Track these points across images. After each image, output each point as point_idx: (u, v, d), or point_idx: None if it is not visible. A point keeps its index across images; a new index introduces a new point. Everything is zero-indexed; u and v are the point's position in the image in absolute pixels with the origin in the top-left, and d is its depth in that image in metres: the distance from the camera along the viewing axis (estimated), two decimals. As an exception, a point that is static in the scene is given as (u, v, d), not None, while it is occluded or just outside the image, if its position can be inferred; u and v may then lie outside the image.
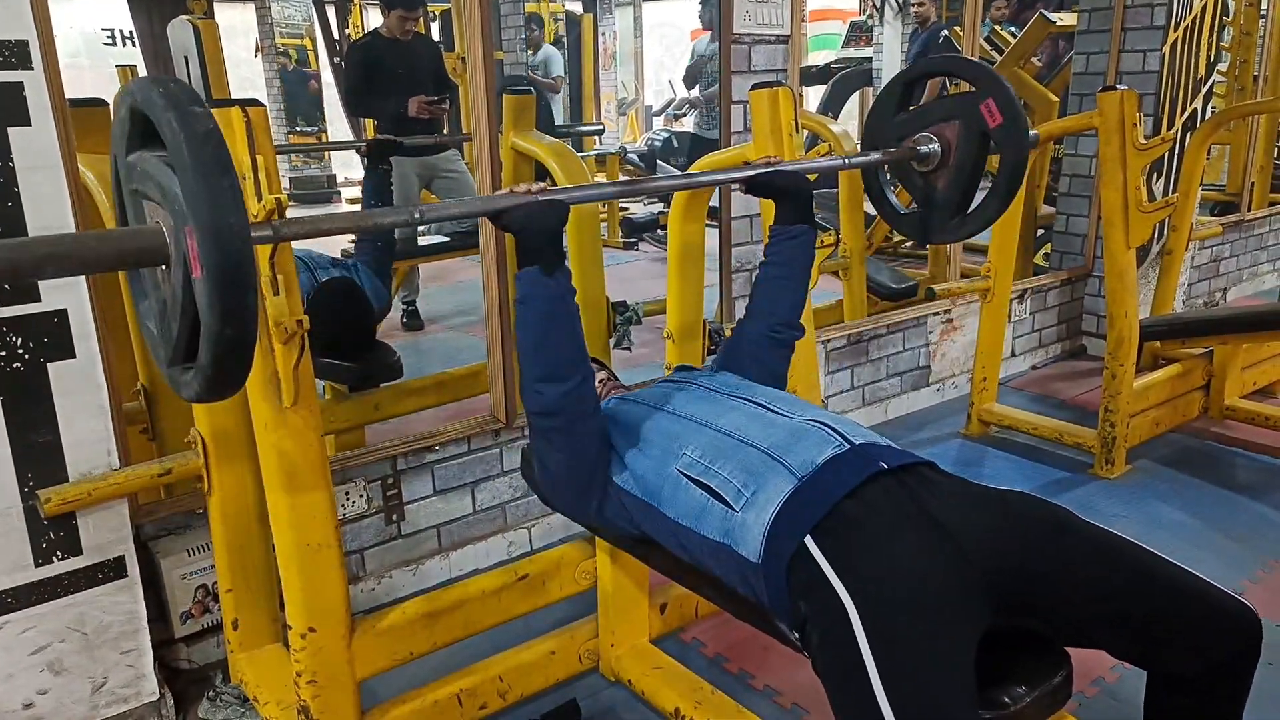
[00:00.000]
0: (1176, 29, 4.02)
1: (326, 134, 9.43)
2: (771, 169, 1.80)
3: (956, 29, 5.52)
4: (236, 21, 9.14)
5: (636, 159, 8.09)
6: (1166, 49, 4.01)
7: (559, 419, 1.51)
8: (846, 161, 2.24)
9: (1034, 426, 3.45)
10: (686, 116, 7.77)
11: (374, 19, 8.29)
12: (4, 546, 1.77)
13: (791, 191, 1.81)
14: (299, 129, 9.27)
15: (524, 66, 8.06)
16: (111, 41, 8.95)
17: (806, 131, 3.70)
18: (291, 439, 1.60)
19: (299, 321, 1.53)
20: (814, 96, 8.55)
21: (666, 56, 12.01)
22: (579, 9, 9.92)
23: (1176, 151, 4.22)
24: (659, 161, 7.91)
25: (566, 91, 9.04)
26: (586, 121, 9.39)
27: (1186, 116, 4.26)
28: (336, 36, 8.71)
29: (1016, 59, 4.86)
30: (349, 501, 2.41)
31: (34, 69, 1.65)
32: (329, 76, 8.95)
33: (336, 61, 8.41)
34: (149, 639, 1.97)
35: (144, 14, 7.75)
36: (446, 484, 2.60)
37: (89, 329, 1.78)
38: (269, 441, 1.61)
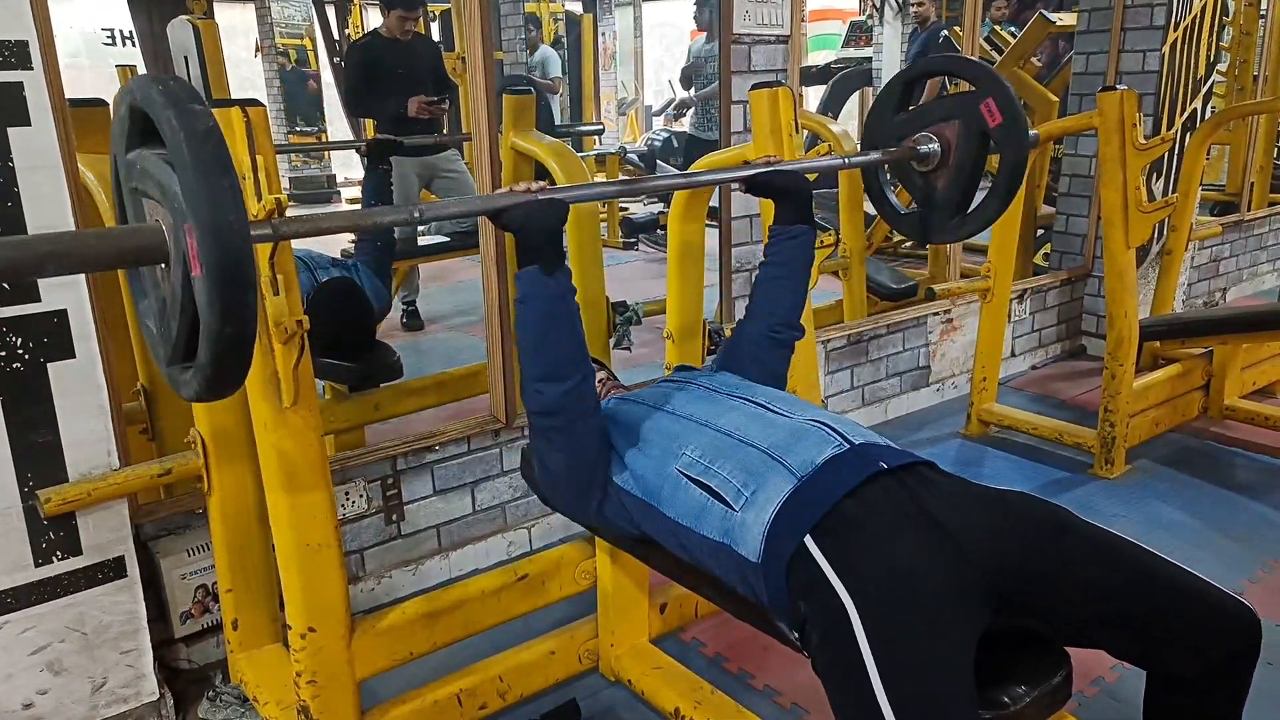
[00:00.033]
0: (1176, 29, 4.02)
1: (326, 134, 9.43)
2: (771, 169, 1.80)
3: (956, 29, 5.52)
4: (236, 21, 9.14)
5: (636, 159, 8.08)
6: (1166, 49, 4.01)
7: (559, 418, 1.51)
8: (846, 161, 2.23)
9: (1034, 426, 3.45)
10: (686, 117, 7.76)
11: (374, 19, 8.30)
12: (4, 546, 1.77)
13: (791, 191, 1.81)
14: (299, 129, 9.27)
15: (523, 67, 8.06)
16: (111, 41, 8.95)
17: (806, 131, 3.70)
18: (291, 439, 1.61)
19: (299, 321, 1.53)
20: (814, 96, 8.55)
21: (666, 56, 11.99)
22: (579, 9, 9.92)
23: (1176, 151, 4.22)
24: (659, 161, 7.90)
25: (566, 91, 9.04)
26: (586, 121, 9.39)
27: (1186, 116, 4.26)
28: (336, 36, 8.71)
29: (1016, 59, 4.86)
30: (349, 501, 2.41)
31: (34, 69, 1.65)
32: (329, 76, 8.95)
33: (336, 61, 8.42)
34: (149, 639, 1.97)
35: (144, 14, 7.75)
36: (446, 484, 2.60)
37: (89, 329, 1.78)
38: (269, 441, 1.61)
